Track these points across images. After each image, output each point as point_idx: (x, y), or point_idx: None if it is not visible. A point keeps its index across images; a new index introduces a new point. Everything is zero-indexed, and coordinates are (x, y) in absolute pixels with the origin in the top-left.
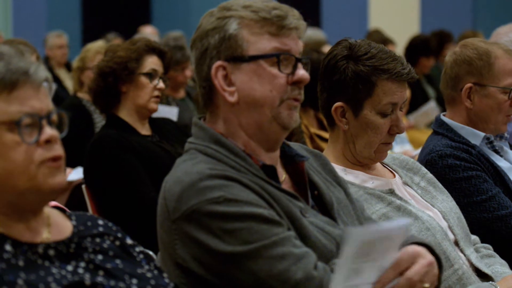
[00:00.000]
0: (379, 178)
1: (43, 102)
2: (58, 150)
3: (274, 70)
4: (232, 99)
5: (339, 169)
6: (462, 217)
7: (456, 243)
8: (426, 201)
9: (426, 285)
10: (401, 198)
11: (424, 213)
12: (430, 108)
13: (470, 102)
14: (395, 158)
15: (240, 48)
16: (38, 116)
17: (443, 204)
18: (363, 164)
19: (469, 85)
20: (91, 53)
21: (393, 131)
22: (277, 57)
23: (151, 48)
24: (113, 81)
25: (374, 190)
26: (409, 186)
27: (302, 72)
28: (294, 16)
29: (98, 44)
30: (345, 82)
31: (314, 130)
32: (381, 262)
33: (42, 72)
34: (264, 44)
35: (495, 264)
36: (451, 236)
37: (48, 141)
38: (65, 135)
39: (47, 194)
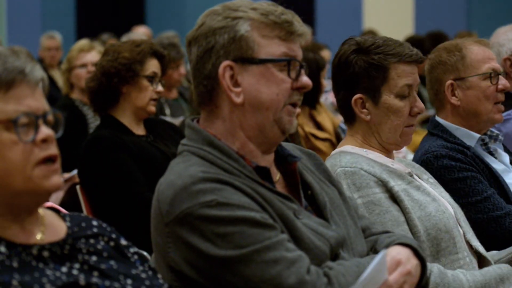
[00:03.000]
0: (399, 163)
1: (39, 101)
2: (54, 149)
3: (282, 75)
4: (238, 100)
5: (361, 151)
6: (465, 218)
7: (463, 235)
8: (436, 193)
9: None
10: (419, 182)
11: (440, 199)
12: None
13: (456, 98)
14: (402, 161)
15: (251, 50)
16: (34, 115)
17: (450, 200)
18: (386, 152)
19: (449, 82)
20: (75, 52)
21: (414, 112)
22: (287, 63)
23: (154, 52)
24: (117, 81)
25: (395, 169)
26: (420, 179)
27: (306, 79)
28: (299, 23)
29: (81, 43)
30: (360, 74)
31: (308, 129)
32: None
33: (38, 72)
34: (274, 48)
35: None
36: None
37: (45, 141)
38: (60, 135)
39: (43, 196)
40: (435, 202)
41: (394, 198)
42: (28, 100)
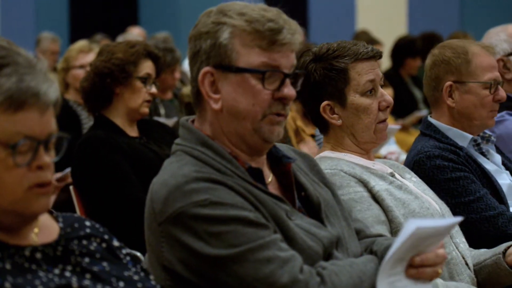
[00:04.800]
0: (380, 164)
1: (45, 125)
2: (48, 176)
3: (258, 86)
4: (216, 106)
5: (340, 155)
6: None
7: None
8: (419, 190)
9: (440, 270)
10: (401, 181)
11: (422, 196)
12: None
13: (452, 100)
14: (386, 162)
15: (229, 58)
16: (36, 140)
17: (434, 197)
18: (365, 154)
19: (449, 83)
20: (74, 53)
21: (383, 106)
22: (262, 74)
23: (148, 53)
24: (110, 82)
25: (377, 170)
26: (403, 178)
27: (287, 90)
28: (289, 30)
29: (81, 43)
30: (321, 81)
31: (299, 123)
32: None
33: (53, 94)
34: (253, 57)
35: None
36: None
37: (40, 167)
38: (60, 157)
39: (28, 218)
40: (417, 199)
41: (375, 198)
42: (34, 124)
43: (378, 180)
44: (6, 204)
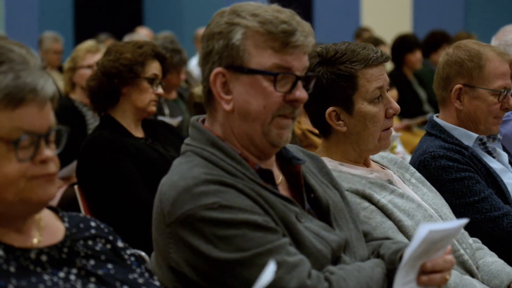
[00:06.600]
0: (378, 170)
1: (45, 118)
2: (51, 168)
3: (270, 88)
4: (228, 107)
5: (337, 165)
6: (453, 215)
7: None
8: (418, 196)
9: (448, 276)
10: (399, 188)
11: (422, 204)
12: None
13: (460, 103)
14: (384, 157)
15: (241, 59)
16: (37, 135)
17: (433, 201)
18: (361, 162)
19: (458, 86)
20: (81, 53)
21: (389, 114)
22: (274, 76)
23: (156, 54)
24: (117, 82)
25: (376, 180)
26: (402, 179)
27: (299, 93)
28: (302, 33)
29: (88, 43)
30: (329, 86)
31: (306, 126)
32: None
33: (50, 88)
34: (265, 59)
35: (485, 256)
36: None
37: (43, 161)
38: (61, 150)
39: (35, 206)
40: (420, 208)
41: (383, 211)
42: (34, 119)
43: (380, 191)
44: (11, 197)
